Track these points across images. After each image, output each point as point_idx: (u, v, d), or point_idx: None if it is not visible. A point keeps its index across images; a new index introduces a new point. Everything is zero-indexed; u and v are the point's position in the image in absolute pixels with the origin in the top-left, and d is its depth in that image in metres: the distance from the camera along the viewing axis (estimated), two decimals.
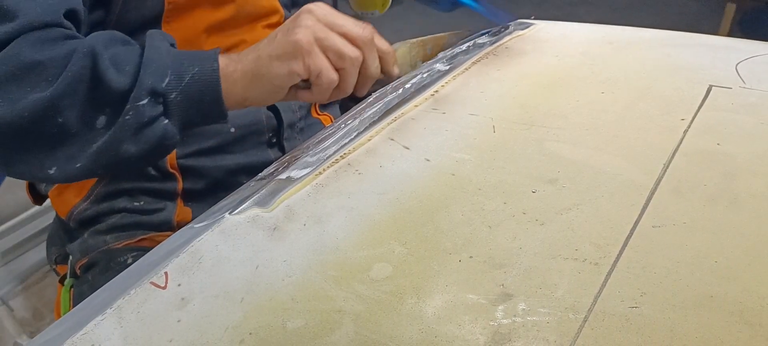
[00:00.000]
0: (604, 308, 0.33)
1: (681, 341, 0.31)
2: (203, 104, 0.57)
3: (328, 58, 0.56)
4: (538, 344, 0.32)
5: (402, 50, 0.66)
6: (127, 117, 0.54)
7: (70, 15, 0.58)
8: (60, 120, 0.53)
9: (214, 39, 0.71)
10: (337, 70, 0.57)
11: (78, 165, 0.55)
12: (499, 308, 0.34)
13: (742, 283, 0.34)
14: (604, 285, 0.35)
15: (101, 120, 0.54)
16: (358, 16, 0.89)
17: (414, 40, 0.67)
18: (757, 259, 0.36)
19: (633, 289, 0.34)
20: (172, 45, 0.60)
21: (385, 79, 0.62)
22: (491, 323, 0.33)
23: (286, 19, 0.83)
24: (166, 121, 0.56)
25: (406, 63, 0.67)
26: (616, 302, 0.34)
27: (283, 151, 0.79)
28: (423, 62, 0.67)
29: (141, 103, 0.54)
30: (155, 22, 0.67)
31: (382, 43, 0.60)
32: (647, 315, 0.33)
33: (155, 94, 0.54)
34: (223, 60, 0.57)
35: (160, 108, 0.55)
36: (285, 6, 0.82)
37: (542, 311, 0.34)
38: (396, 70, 0.63)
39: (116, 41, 0.57)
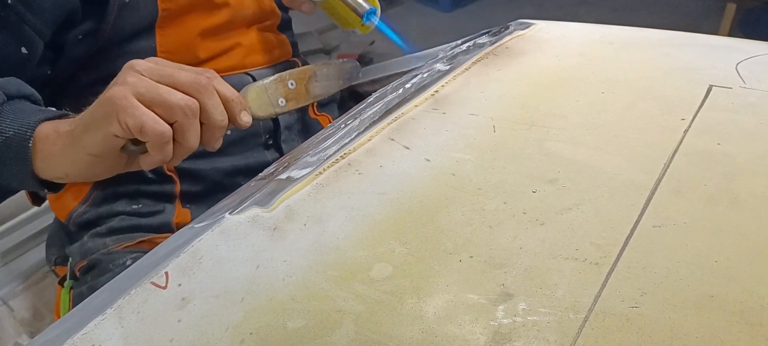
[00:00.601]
0: (605, 307, 0.33)
1: (681, 341, 0.31)
2: (13, 170, 0.53)
3: (155, 113, 0.49)
4: (538, 344, 0.32)
5: (255, 91, 0.60)
6: None
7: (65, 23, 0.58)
8: None
9: (209, 43, 0.71)
10: (170, 124, 0.50)
11: None
12: (500, 307, 0.34)
13: (743, 283, 0.34)
14: (604, 285, 0.35)
15: None
16: (325, 31, 0.88)
17: (269, 79, 0.61)
18: (758, 259, 0.36)
19: (633, 289, 0.34)
20: (28, 98, 0.56)
21: (238, 128, 0.57)
22: (492, 323, 0.33)
23: (283, 20, 0.83)
24: None
25: (263, 103, 0.61)
26: (616, 302, 0.34)
27: (280, 153, 0.79)
28: (286, 99, 0.62)
29: None
30: (149, 29, 0.67)
31: (225, 89, 0.54)
32: (647, 315, 0.33)
33: None
34: (44, 129, 0.52)
35: None
36: (282, 8, 0.82)
37: (542, 310, 0.34)
38: (245, 118, 0.56)
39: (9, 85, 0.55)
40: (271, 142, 0.79)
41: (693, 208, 0.40)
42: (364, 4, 0.73)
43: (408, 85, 0.62)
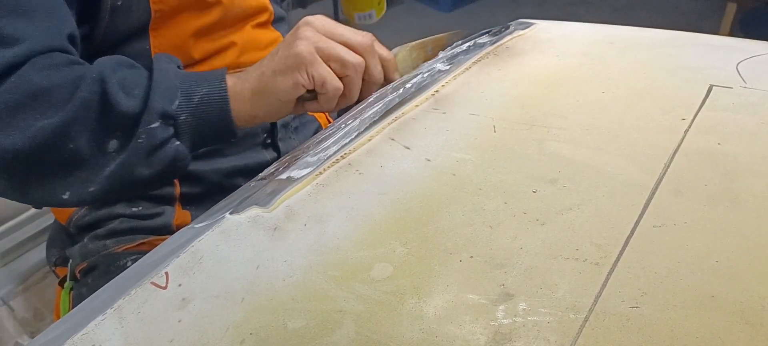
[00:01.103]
0: (605, 307, 0.33)
1: (682, 341, 0.31)
2: (213, 124, 0.58)
3: (330, 67, 0.56)
4: (538, 344, 0.32)
5: (402, 54, 0.66)
6: (140, 140, 0.54)
7: (71, 39, 0.58)
8: (71, 146, 0.53)
9: (203, 43, 0.71)
10: (340, 78, 0.57)
11: (92, 189, 0.55)
12: (500, 308, 0.34)
13: (743, 283, 0.34)
14: (604, 285, 0.35)
15: (113, 144, 0.55)
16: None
17: (414, 43, 0.68)
18: (758, 259, 0.36)
19: (634, 289, 0.34)
20: (179, 67, 0.60)
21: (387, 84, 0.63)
22: (492, 323, 0.33)
23: (277, 16, 0.83)
24: (177, 142, 0.57)
25: (407, 66, 0.67)
26: (616, 302, 0.34)
27: (278, 152, 0.79)
28: (423, 63, 0.68)
29: (152, 126, 0.54)
30: (142, 31, 0.67)
31: (382, 49, 0.61)
32: (648, 315, 0.33)
33: (166, 117, 0.55)
34: (230, 79, 0.58)
35: (171, 130, 0.56)
36: (275, 2, 0.82)
37: (543, 311, 0.34)
38: (397, 76, 0.63)
39: (123, 65, 0.57)
40: (268, 141, 0.79)
41: (693, 208, 0.40)
42: None
43: (408, 85, 0.62)
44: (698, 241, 0.37)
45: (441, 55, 0.72)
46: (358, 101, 0.62)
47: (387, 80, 0.62)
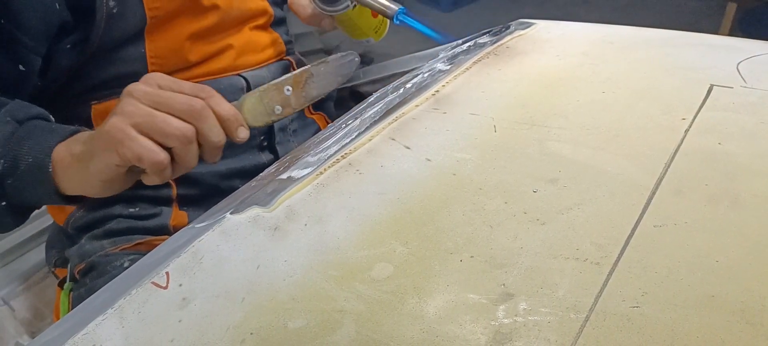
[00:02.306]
0: (606, 307, 0.33)
1: (682, 341, 0.31)
2: (38, 193, 0.57)
3: (153, 140, 0.52)
4: (539, 344, 0.32)
5: (251, 102, 0.61)
6: None
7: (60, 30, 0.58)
8: None
9: (199, 47, 0.71)
10: (168, 149, 0.53)
11: None
12: (501, 307, 0.34)
13: (744, 283, 0.34)
14: (605, 285, 0.35)
15: None
16: (326, 32, 0.86)
17: (264, 86, 0.61)
18: (759, 259, 0.36)
19: (634, 289, 0.34)
20: (41, 117, 0.59)
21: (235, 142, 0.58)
22: (492, 323, 0.33)
23: (276, 18, 0.82)
24: (3, 203, 0.57)
25: (259, 113, 0.61)
26: (617, 302, 0.34)
27: (275, 154, 0.79)
28: (282, 106, 0.62)
29: None
30: (138, 35, 0.67)
31: (221, 108, 0.55)
32: (648, 315, 0.33)
33: None
34: (59, 152, 0.55)
35: None
36: (275, 4, 0.81)
37: (543, 310, 0.34)
38: (242, 134, 0.57)
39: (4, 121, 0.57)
40: (265, 143, 0.79)
41: (694, 208, 0.40)
42: (393, 6, 0.71)
43: (408, 85, 0.62)
44: (699, 241, 0.37)
45: (441, 55, 0.72)
46: (208, 163, 0.58)
47: (231, 139, 0.57)
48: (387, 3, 0.71)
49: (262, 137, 0.78)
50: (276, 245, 0.41)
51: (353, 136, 0.52)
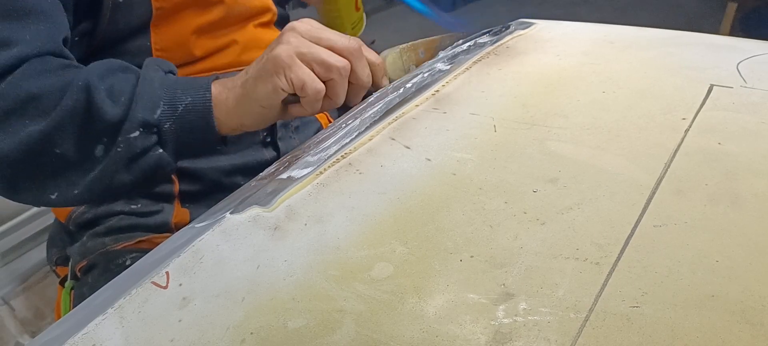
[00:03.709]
0: (605, 307, 0.33)
1: (682, 341, 0.31)
2: (197, 133, 0.58)
3: (314, 70, 0.56)
4: (539, 344, 0.32)
5: (392, 57, 0.65)
6: (119, 149, 0.55)
7: (65, 41, 0.59)
8: (57, 151, 0.53)
9: (204, 41, 0.71)
10: (325, 81, 0.57)
11: (76, 192, 0.56)
12: (500, 307, 0.34)
13: (744, 282, 0.34)
14: (605, 285, 0.35)
15: (99, 149, 0.55)
16: None
17: (404, 45, 0.65)
18: (759, 258, 0.36)
19: (634, 288, 0.34)
20: (171, 72, 0.60)
21: (375, 89, 0.62)
22: (492, 323, 0.33)
23: (280, 17, 0.83)
24: (160, 150, 0.57)
25: (397, 69, 0.65)
26: (617, 302, 0.34)
27: (277, 151, 0.79)
28: (416, 66, 0.66)
29: (132, 135, 0.54)
30: (144, 28, 0.67)
31: (370, 53, 0.60)
32: (648, 315, 0.33)
33: (147, 126, 0.55)
34: (216, 87, 0.58)
35: (154, 138, 0.56)
36: (278, 3, 0.82)
37: (543, 310, 0.34)
38: (386, 81, 0.62)
39: (114, 70, 0.57)
40: (268, 139, 0.79)
41: (694, 207, 0.40)
42: None
43: (408, 85, 0.62)
44: (699, 240, 0.37)
45: (441, 54, 0.72)
46: (347, 106, 0.62)
47: (375, 85, 0.62)
48: None
49: (264, 133, 0.78)
50: (276, 245, 0.41)
51: (353, 136, 0.52)
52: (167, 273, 0.39)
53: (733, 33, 2.30)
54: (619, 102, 0.54)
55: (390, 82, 0.64)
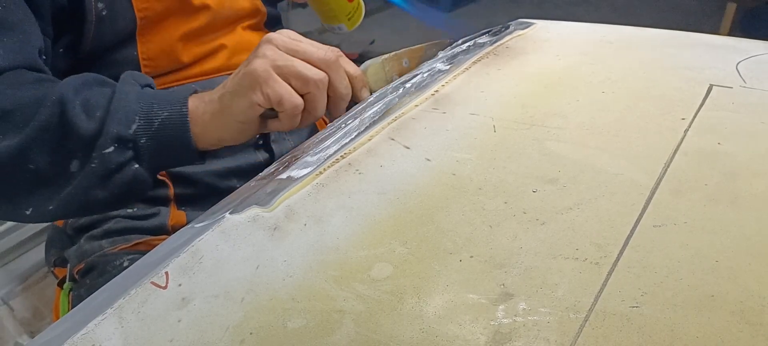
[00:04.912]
0: (605, 307, 0.33)
1: (682, 341, 0.31)
2: (174, 148, 0.56)
3: (291, 84, 0.55)
4: (538, 344, 0.32)
5: (374, 68, 0.63)
6: (93, 164, 0.53)
7: (40, 52, 0.58)
8: (31, 167, 0.52)
9: (191, 47, 0.71)
10: (303, 95, 0.55)
11: (51, 207, 0.55)
12: (500, 307, 0.34)
13: (743, 283, 0.34)
14: (604, 285, 0.35)
15: (74, 165, 0.54)
16: (325, 30, 0.86)
17: (386, 55, 0.64)
18: (759, 259, 0.36)
19: (634, 288, 0.34)
20: (148, 85, 0.59)
21: (355, 101, 0.61)
22: (492, 323, 0.33)
23: (270, 17, 0.82)
24: (136, 166, 0.55)
25: (380, 80, 0.64)
26: (616, 302, 0.34)
27: (271, 153, 0.79)
28: (399, 76, 0.64)
29: (106, 150, 0.53)
30: (130, 37, 0.67)
31: (349, 65, 0.59)
32: (648, 315, 0.33)
33: (122, 141, 0.54)
34: (193, 102, 0.56)
35: (130, 153, 0.55)
36: (268, 3, 0.81)
37: (543, 310, 0.34)
38: (366, 93, 0.61)
39: (90, 84, 0.56)
40: (261, 142, 0.79)
41: (693, 207, 0.40)
42: None
43: (408, 85, 0.62)
44: (698, 240, 0.37)
45: (440, 54, 0.72)
46: (332, 118, 0.60)
47: (354, 97, 0.60)
48: None
49: (257, 136, 0.78)
50: (275, 245, 0.41)
51: (353, 136, 0.52)
52: (166, 273, 0.39)
53: (732, 33, 2.30)
54: (619, 102, 0.54)
55: (371, 94, 0.62)
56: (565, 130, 0.50)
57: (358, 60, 0.83)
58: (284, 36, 0.56)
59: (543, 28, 0.72)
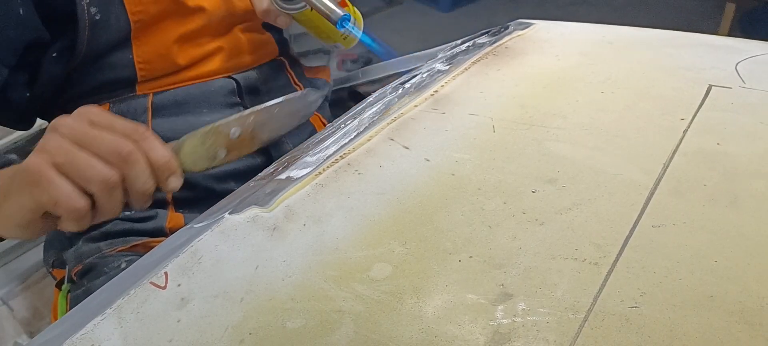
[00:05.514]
0: (604, 307, 0.33)
1: (681, 341, 0.31)
2: None
3: (74, 182, 0.46)
4: (538, 344, 0.32)
5: (190, 145, 0.53)
6: None
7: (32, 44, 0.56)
8: None
9: (187, 50, 0.71)
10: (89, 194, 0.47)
11: None
12: (499, 307, 0.34)
13: (742, 283, 0.34)
14: (603, 285, 0.35)
15: None
16: (322, 49, 0.82)
17: (209, 127, 0.53)
18: (757, 259, 0.36)
19: (633, 289, 0.34)
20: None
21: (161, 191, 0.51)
22: (491, 323, 0.33)
23: None
24: None
25: (199, 157, 0.54)
26: (615, 302, 0.34)
27: (269, 156, 0.78)
28: (227, 150, 0.54)
29: None
30: (125, 41, 0.67)
31: (154, 151, 0.49)
32: (647, 315, 0.33)
33: None
34: None
35: None
36: (272, 29, 0.81)
37: (542, 310, 0.34)
38: (173, 183, 0.51)
39: None
40: None
41: (692, 208, 0.40)
42: (338, 11, 0.65)
43: (407, 85, 0.62)
44: (697, 241, 0.38)
45: (440, 55, 0.72)
46: (135, 210, 0.52)
47: (162, 188, 0.51)
48: (332, 6, 0.64)
49: None
50: (275, 245, 0.41)
51: (352, 137, 0.52)
52: (166, 273, 0.39)
53: (731, 33, 2.31)
54: (618, 102, 0.54)
55: (184, 175, 0.53)
56: (564, 131, 0.50)
57: (358, 60, 0.83)
58: (78, 120, 0.47)
59: (542, 29, 0.72)
